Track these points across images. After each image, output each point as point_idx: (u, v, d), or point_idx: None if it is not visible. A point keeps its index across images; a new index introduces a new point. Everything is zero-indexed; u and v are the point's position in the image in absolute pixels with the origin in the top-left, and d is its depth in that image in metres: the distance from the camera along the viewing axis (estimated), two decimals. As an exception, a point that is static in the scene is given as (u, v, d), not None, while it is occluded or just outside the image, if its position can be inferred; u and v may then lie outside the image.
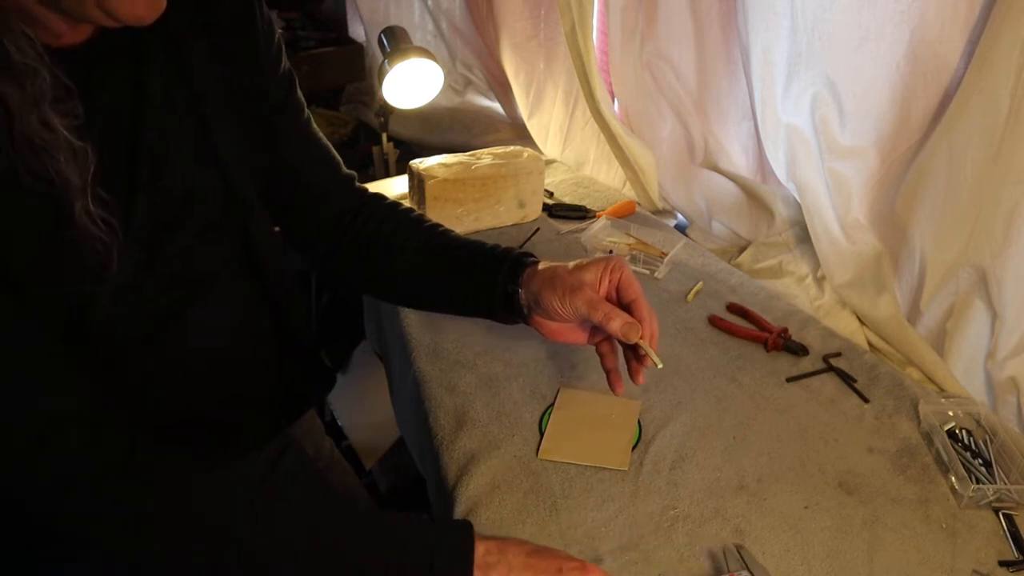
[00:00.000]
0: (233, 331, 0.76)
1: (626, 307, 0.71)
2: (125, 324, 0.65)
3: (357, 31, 2.22)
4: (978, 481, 0.75)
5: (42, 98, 0.51)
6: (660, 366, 0.69)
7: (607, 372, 0.75)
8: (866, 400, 0.88)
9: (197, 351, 0.72)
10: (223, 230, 0.73)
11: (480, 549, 0.61)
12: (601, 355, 0.76)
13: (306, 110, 0.82)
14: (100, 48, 0.60)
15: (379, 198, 0.87)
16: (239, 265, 0.76)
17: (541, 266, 0.74)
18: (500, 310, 0.77)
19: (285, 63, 0.78)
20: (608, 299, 0.72)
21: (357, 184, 0.87)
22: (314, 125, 0.83)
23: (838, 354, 0.96)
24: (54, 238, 0.56)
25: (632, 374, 0.73)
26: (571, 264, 0.73)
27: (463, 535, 0.62)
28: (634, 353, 0.72)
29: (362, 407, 1.68)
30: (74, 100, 0.54)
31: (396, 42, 1.54)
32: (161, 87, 0.64)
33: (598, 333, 0.75)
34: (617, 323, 0.68)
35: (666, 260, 1.16)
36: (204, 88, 0.68)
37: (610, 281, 0.72)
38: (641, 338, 0.69)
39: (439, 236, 0.82)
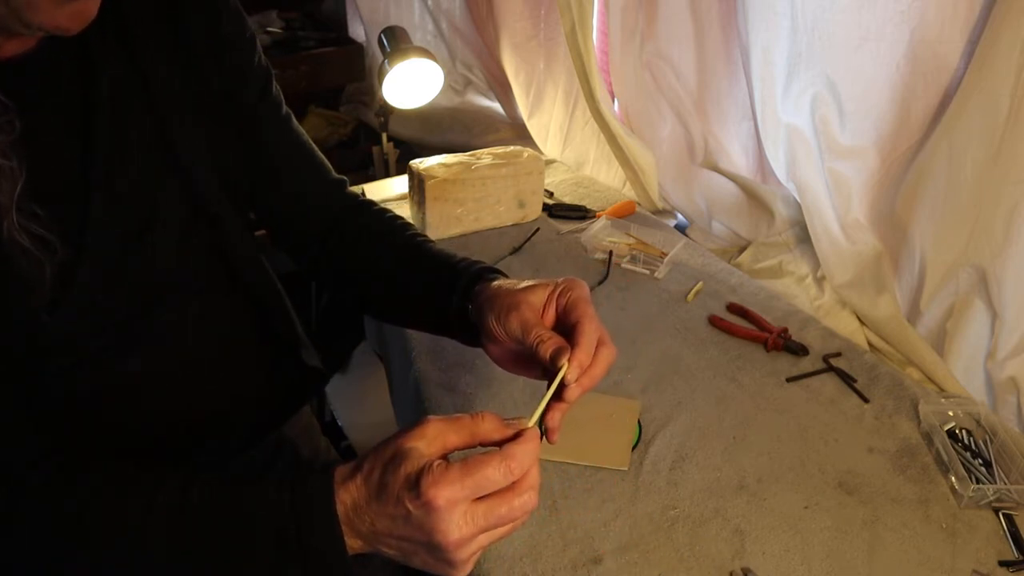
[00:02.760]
0: (210, 338, 0.74)
1: (572, 329, 0.58)
2: (89, 334, 0.63)
3: (357, 31, 2.22)
4: (978, 481, 0.75)
5: None
6: (529, 424, 0.51)
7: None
8: (866, 400, 0.88)
9: (171, 359, 0.70)
10: (190, 241, 0.70)
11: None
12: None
13: (284, 109, 0.77)
14: (47, 58, 0.57)
15: (367, 204, 0.83)
16: (213, 274, 0.73)
17: (495, 283, 0.64)
18: (456, 327, 0.68)
19: (260, 61, 0.73)
20: (558, 325, 0.60)
21: (349, 190, 0.84)
22: (296, 127, 0.79)
23: (838, 354, 0.96)
24: None
25: (546, 418, 0.56)
26: (525, 282, 0.62)
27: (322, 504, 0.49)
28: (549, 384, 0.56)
29: (362, 407, 1.68)
30: (8, 115, 0.52)
31: (396, 42, 1.54)
32: (113, 96, 0.61)
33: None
34: (547, 347, 0.56)
35: (666, 260, 1.16)
36: (164, 95, 0.65)
37: (558, 304, 0.60)
38: (568, 368, 0.54)
39: (413, 247, 0.76)
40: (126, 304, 0.66)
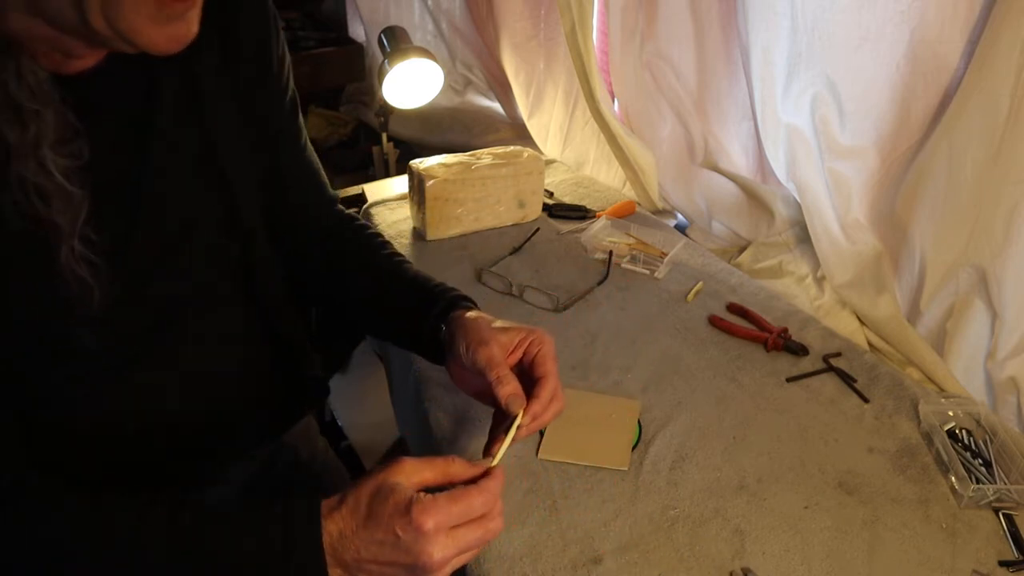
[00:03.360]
0: (224, 349, 0.75)
1: (535, 381, 0.67)
2: (109, 345, 0.63)
3: (357, 31, 2.22)
4: (978, 481, 0.75)
5: (43, 140, 0.50)
6: (493, 463, 0.60)
7: (490, 436, 0.70)
8: (866, 400, 0.88)
9: (187, 373, 0.71)
10: (219, 254, 0.71)
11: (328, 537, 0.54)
12: (496, 418, 0.71)
13: (305, 134, 0.81)
14: (112, 72, 0.58)
15: (351, 220, 0.88)
16: (235, 287, 0.75)
17: (471, 314, 0.72)
18: (426, 345, 0.75)
19: (292, 88, 0.77)
20: (520, 368, 0.69)
21: (338, 206, 0.88)
22: (310, 147, 0.83)
23: (838, 354, 0.96)
24: (35, 278, 0.55)
25: (489, 443, 0.68)
26: (499, 321, 0.70)
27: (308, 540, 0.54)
28: (508, 427, 0.65)
29: (362, 407, 1.68)
30: (79, 141, 0.53)
31: (396, 42, 1.54)
32: (173, 113, 0.63)
33: None
34: (505, 390, 0.64)
35: (666, 260, 1.16)
36: (214, 110, 0.66)
37: (527, 351, 0.69)
38: (523, 416, 0.64)
39: (392, 266, 0.82)
40: (152, 316, 0.66)
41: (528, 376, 0.69)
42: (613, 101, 1.39)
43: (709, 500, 0.74)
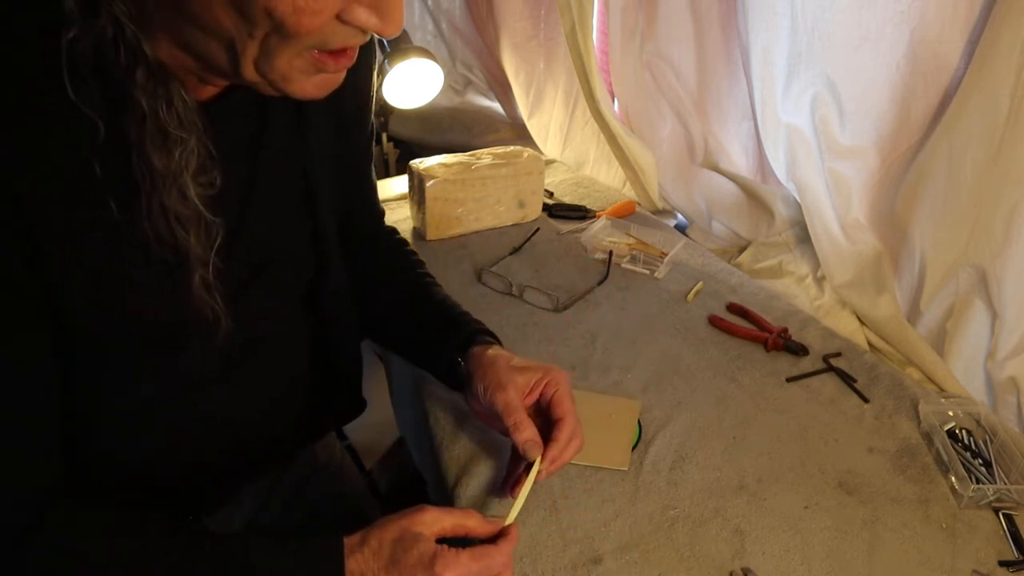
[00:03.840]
0: (288, 373, 0.75)
1: (553, 423, 0.69)
2: (208, 372, 0.64)
3: (357, 31, 2.22)
4: (978, 481, 0.75)
5: (187, 167, 0.51)
6: (508, 522, 0.62)
7: (508, 472, 0.73)
8: (866, 400, 0.88)
9: (250, 395, 0.71)
10: (300, 273, 0.72)
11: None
12: (513, 453, 0.72)
13: (372, 159, 0.83)
14: (232, 101, 0.58)
15: (392, 233, 0.90)
16: (305, 308, 0.75)
17: (491, 351, 0.72)
18: (443, 373, 0.78)
19: (373, 122, 0.79)
20: (538, 407, 0.71)
21: (383, 222, 0.90)
22: (372, 168, 0.84)
23: (838, 354, 0.96)
24: (164, 303, 0.55)
25: (508, 483, 0.71)
26: (516, 360, 0.71)
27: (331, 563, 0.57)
28: (527, 469, 0.67)
29: (362, 407, 1.68)
30: (215, 170, 0.53)
31: (396, 42, 1.54)
32: (280, 142, 0.63)
33: None
34: (523, 436, 0.66)
35: (666, 260, 1.16)
36: (317, 147, 0.67)
37: (543, 393, 0.70)
38: (541, 462, 0.66)
39: (421, 287, 0.83)
40: (238, 340, 0.65)
41: (545, 416, 0.70)
42: (613, 101, 1.39)
43: (709, 500, 0.74)
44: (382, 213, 0.90)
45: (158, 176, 0.49)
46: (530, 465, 0.66)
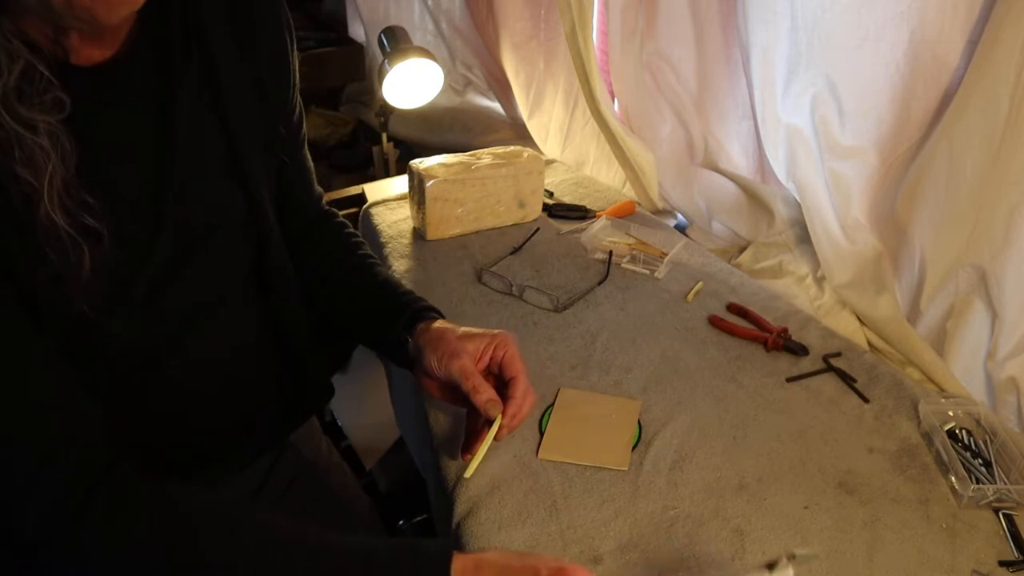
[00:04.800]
0: (240, 352, 0.76)
1: (507, 382, 0.73)
2: (139, 344, 0.64)
3: (357, 31, 2.22)
4: (978, 481, 0.75)
5: (15, 90, 0.49)
6: (467, 475, 0.71)
7: (465, 437, 0.76)
8: (866, 400, 0.88)
9: (202, 373, 0.72)
10: (239, 250, 0.73)
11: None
12: (470, 418, 0.76)
13: (305, 132, 0.84)
14: (127, 64, 0.59)
15: (333, 216, 0.91)
16: (249, 285, 0.76)
17: (436, 324, 0.76)
18: (390, 352, 0.80)
19: (300, 102, 0.80)
20: (489, 372, 0.74)
21: (324, 204, 0.91)
22: (306, 149, 0.85)
23: (838, 354, 0.96)
24: (30, 243, 0.54)
25: (466, 442, 0.74)
26: (462, 329, 0.74)
27: (439, 565, 0.57)
28: (486, 427, 0.72)
29: (362, 407, 1.68)
30: (53, 91, 0.52)
31: (396, 42, 1.54)
32: (191, 110, 0.64)
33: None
34: (482, 397, 0.69)
35: (666, 260, 1.16)
36: (238, 117, 0.68)
37: (492, 356, 0.73)
38: (501, 417, 0.70)
39: (364, 268, 0.85)
40: (176, 314, 0.67)
41: (498, 377, 0.74)
42: (613, 101, 1.39)
43: (709, 500, 0.74)
44: (320, 196, 0.91)
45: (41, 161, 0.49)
46: (489, 423, 0.71)
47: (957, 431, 0.83)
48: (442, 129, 1.95)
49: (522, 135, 1.76)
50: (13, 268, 0.53)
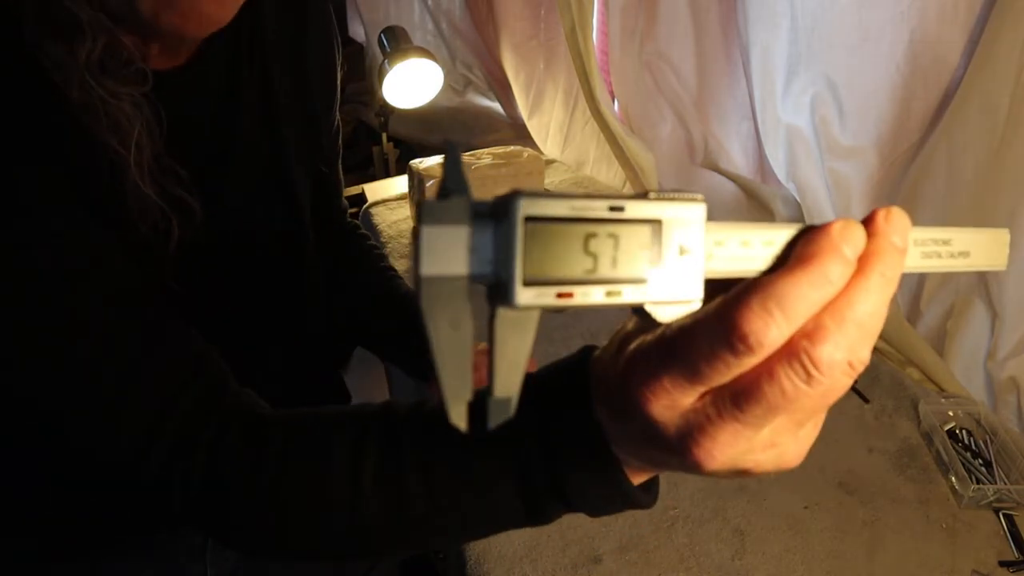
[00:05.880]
0: (270, 354, 0.76)
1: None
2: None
3: (357, 31, 2.22)
4: (978, 481, 0.75)
5: (98, 61, 0.50)
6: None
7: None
8: (866, 400, 0.88)
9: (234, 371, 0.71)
10: (277, 263, 0.73)
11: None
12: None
13: (340, 153, 0.86)
14: (199, 72, 0.60)
15: (355, 229, 0.92)
16: (286, 297, 0.76)
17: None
18: (412, 366, 0.82)
19: (338, 115, 0.81)
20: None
21: (348, 217, 0.92)
22: (340, 162, 0.87)
23: (838, 354, 0.96)
24: (119, 209, 0.53)
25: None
26: (481, 345, 0.72)
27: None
28: None
29: (362, 407, 1.68)
30: (136, 64, 0.52)
31: (396, 42, 1.54)
32: (250, 119, 0.65)
33: None
34: None
35: (666, 260, 1.16)
36: (288, 127, 0.69)
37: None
38: None
39: (385, 281, 0.86)
40: (215, 314, 0.65)
41: None
42: (613, 101, 1.39)
43: (709, 500, 0.74)
44: (346, 209, 0.92)
45: (67, 66, 0.49)
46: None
47: (957, 431, 0.83)
48: (442, 129, 1.95)
49: (522, 135, 1.76)
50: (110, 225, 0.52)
